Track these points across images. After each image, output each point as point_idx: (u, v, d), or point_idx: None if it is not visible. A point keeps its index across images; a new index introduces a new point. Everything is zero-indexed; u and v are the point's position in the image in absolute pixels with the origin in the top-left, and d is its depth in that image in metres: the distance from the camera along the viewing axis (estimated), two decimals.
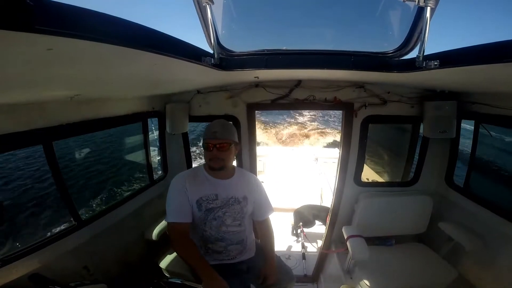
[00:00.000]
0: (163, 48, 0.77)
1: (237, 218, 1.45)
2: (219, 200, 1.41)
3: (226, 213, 1.42)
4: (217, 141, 1.37)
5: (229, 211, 1.43)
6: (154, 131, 2.23)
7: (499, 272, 1.62)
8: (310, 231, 3.17)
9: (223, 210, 1.41)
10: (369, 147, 2.25)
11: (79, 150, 10.25)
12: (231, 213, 1.43)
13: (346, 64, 1.36)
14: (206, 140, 1.39)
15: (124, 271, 1.73)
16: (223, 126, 1.42)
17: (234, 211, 1.44)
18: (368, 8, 1.46)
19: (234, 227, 1.45)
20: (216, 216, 1.41)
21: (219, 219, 1.41)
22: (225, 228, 1.43)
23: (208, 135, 1.39)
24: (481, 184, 2.11)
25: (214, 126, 1.42)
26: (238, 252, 1.49)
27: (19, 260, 1.18)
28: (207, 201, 1.40)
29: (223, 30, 1.46)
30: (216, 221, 1.41)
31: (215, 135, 1.37)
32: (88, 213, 6.85)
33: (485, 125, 1.78)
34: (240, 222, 1.46)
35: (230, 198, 1.44)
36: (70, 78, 0.88)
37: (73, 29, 0.47)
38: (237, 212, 1.45)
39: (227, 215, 1.42)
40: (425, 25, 1.07)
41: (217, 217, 1.41)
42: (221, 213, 1.41)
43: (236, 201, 1.45)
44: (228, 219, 1.43)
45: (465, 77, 1.26)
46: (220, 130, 1.39)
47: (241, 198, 1.46)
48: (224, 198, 1.42)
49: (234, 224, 1.44)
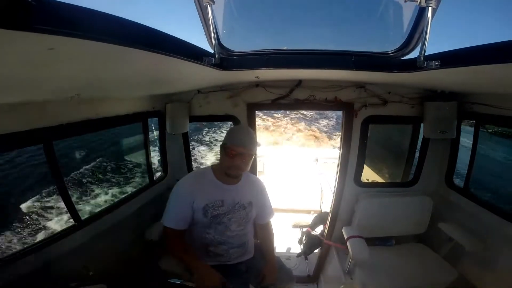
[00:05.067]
0: (164, 47, 0.77)
1: (242, 224, 1.43)
2: (225, 206, 1.38)
3: (232, 219, 1.39)
4: (244, 150, 1.29)
5: (234, 217, 1.40)
6: (154, 131, 2.23)
7: (499, 272, 1.62)
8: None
9: (228, 216, 1.39)
10: (368, 147, 2.25)
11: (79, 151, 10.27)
12: (236, 219, 1.41)
13: (347, 64, 1.36)
14: (231, 147, 1.29)
15: (124, 271, 1.72)
16: (252, 137, 1.34)
17: (240, 216, 1.41)
18: (369, 8, 1.46)
19: (238, 231, 1.43)
20: (221, 221, 1.38)
21: (223, 225, 1.38)
22: (230, 233, 1.41)
23: (234, 141, 1.30)
24: (481, 184, 2.11)
25: (242, 133, 1.34)
26: (239, 255, 1.49)
27: (19, 260, 1.18)
28: (213, 208, 1.35)
29: (224, 29, 1.45)
30: (221, 226, 1.38)
31: (243, 143, 1.29)
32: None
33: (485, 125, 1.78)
34: (244, 227, 1.45)
35: (236, 203, 1.41)
36: (71, 78, 0.88)
37: (74, 29, 0.47)
38: (242, 217, 1.42)
39: (233, 221, 1.40)
40: (426, 25, 1.07)
41: (221, 223, 1.38)
42: (226, 219, 1.38)
43: (242, 207, 1.42)
44: (233, 225, 1.40)
45: (466, 77, 1.26)
46: (249, 140, 1.31)
47: (247, 203, 1.44)
48: (230, 204, 1.39)
49: (239, 229, 1.43)
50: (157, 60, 0.84)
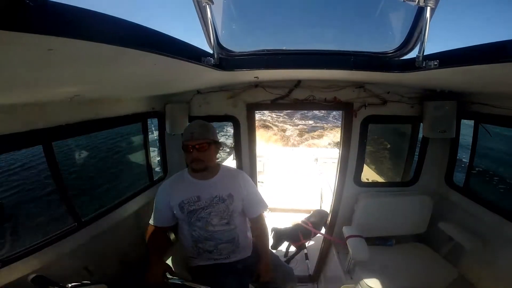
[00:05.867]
0: (163, 48, 0.77)
1: (224, 217, 1.44)
2: (202, 201, 1.41)
3: (212, 213, 1.42)
4: (196, 142, 1.34)
5: (214, 211, 1.42)
6: (154, 131, 2.23)
7: (499, 271, 1.62)
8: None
9: (207, 211, 1.42)
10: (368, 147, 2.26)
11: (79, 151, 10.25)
12: (217, 212, 1.43)
13: (346, 64, 1.36)
14: (184, 142, 1.36)
15: (124, 271, 1.72)
16: (201, 126, 1.39)
17: (220, 210, 1.43)
18: (368, 8, 1.46)
19: (222, 226, 1.44)
20: (199, 217, 1.42)
21: (203, 220, 1.42)
22: (212, 227, 1.43)
23: (186, 137, 1.36)
24: (481, 184, 2.11)
25: (191, 127, 1.39)
26: (230, 251, 1.49)
27: (20, 260, 1.18)
28: (189, 204, 1.41)
29: (223, 30, 1.46)
30: (201, 222, 1.42)
31: (192, 136, 1.34)
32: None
33: (485, 125, 1.78)
34: (227, 221, 1.45)
35: (214, 197, 1.43)
36: (70, 79, 0.88)
37: (73, 30, 0.47)
38: (222, 210, 1.43)
39: (213, 215, 1.42)
40: (425, 25, 1.07)
41: (200, 218, 1.42)
42: (204, 213, 1.41)
43: (221, 200, 1.43)
44: (214, 219, 1.42)
45: (465, 77, 1.26)
46: (198, 130, 1.36)
47: (226, 196, 1.44)
48: (207, 199, 1.42)
49: (221, 223, 1.44)
50: (156, 61, 0.84)
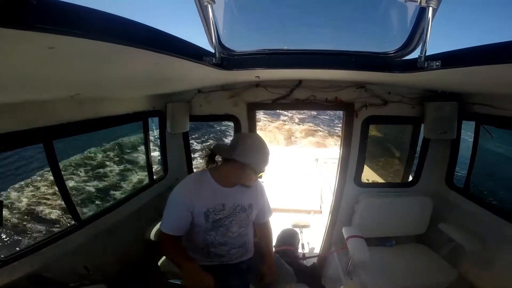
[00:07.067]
0: (165, 47, 0.77)
1: (243, 225, 1.44)
2: (226, 210, 1.37)
3: (233, 221, 1.40)
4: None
5: (235, 219, 1.40)
6: (155, 130, 2.23)
7: (499, 272, 1.62)
8: (310, 232, 3.17)
9: (229, 219, 1.39)
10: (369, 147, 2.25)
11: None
12: (237, 221, 1.41)
13: (347, 64, 1.36)
14: (262, 169, 1.35)
15: (124, 271, 1.72)
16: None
17: (240, 219, 1.42)
18: (370, 8, 1.46)
19: (239, 232, 1.44)
20: (222, 224, 1.38)
21: (225, 227, 1.39)
22: (231, 234, 1.41)
23: (264, 165, 1.34)
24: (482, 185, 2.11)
25: (266, 154, 1.35)
26: (239, 255, 1.49)
27: (19, 260, 1.17)
28: (214, 212, 1.34)
29: (225, 29, 1.45)
30: (222, 229, 1.38)
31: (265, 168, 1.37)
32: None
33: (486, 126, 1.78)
34: (245, 228, 1.46)
35: (237, 206, 1.40)
36: (71, 77, 0.88)
37: (75, 28, 0.47)
38: (243, 219, 1.43)
39: (234, 223, 1.40)
40: (427, 26, 1.07)
41: (223, 225, 1.38)
42: (227, 221, 1.39)
43: (242, 209, 1.42)
44: (234, 227, 1.41)
45: (467, 78, 1.26)
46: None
47: (247, 206, 1.44)
48: (230, 207, 1.39)
49: (240, 231, 1.43)
50: (157, 60, 0.84)
